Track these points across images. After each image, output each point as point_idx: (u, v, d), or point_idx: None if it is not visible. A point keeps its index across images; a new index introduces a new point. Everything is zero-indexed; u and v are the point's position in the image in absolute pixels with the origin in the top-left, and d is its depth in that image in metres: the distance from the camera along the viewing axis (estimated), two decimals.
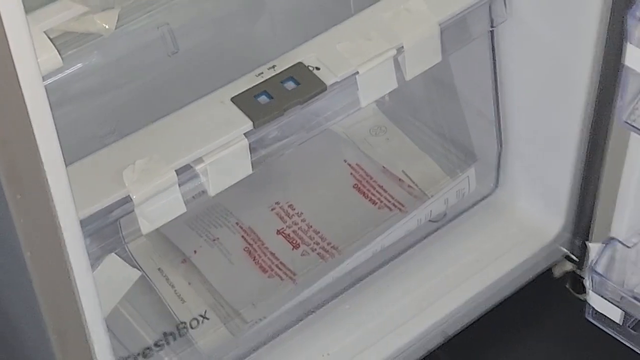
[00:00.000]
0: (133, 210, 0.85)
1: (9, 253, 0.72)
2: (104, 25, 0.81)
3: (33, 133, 0.66)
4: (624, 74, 0.90)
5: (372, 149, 1.19)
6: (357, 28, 0.94)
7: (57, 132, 0.68)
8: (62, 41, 0.79)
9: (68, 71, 0.91)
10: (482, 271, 1.12)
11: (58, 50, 0.73)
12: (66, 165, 0.70)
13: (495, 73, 1.08)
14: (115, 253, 0.90)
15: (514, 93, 1.09)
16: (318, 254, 1.10)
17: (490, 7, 1.00)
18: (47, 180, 0.69)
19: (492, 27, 1.02)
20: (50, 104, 0.66)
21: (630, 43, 0.86)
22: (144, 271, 1.04)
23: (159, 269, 1.08)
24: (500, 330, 1.13)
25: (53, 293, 0.75)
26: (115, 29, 0.83)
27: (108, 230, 0.86)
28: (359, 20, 0.95)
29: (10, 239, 0.70)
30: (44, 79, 0.65)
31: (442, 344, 1.10)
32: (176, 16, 1.01)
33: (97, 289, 0.78)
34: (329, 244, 1.11)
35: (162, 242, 1.09)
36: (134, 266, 0.94)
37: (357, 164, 1.17)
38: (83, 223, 0.75)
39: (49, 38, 0.74)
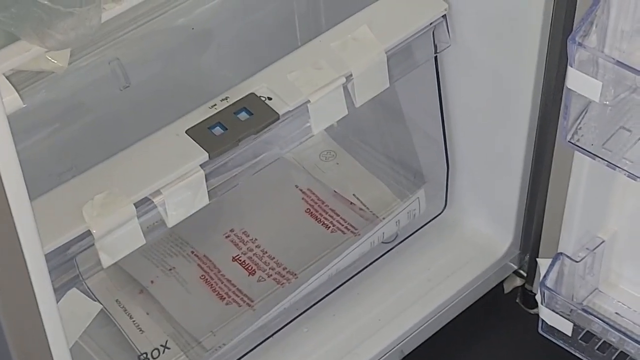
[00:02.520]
0: (93, 244, 0.85)
1: None
2: (58, 63, 0.81)
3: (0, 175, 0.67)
4: (566, 96, 0.91)
5: (322, 173, 1.19)
6: (306, 58, 0.95)
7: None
8: (16, 79, 0.80)
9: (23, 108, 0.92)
10: (435, 289, 1.12)
11: (18, 92, 0.74)
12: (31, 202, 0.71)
13: (440, 97, 1.08)
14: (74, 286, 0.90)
15: (460, 115, 1.10)
16: (274, 279, 1.10)
17: (433, 34, 1.01)
18: (13, 219, 0.70)
19: (436, 53, 1.03)
20: None
21: (572, 66, 0.88)
22: (102, 303, 1.04)
23: (117, 301, 1.08)
24: (454, 347, 1.14)
25: (21, 330, 0.75)
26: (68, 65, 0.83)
27: (68, 264, 0.86)
28: (308, 49, 0.96)
29: None
30: None
31: None
32: (126, 51, 1.02)
33: (61, 323, 0.79)
34: (284, 269, 1.11)
35: (118, 273, 1.09)
36: (92, 299, 0.94)
37: (308, 189, 1.18)
38: (48, 258, 0.75)
39: (9, 80, 0.74)
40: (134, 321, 1.06)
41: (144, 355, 1.03)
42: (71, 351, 0.82)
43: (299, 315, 1.09)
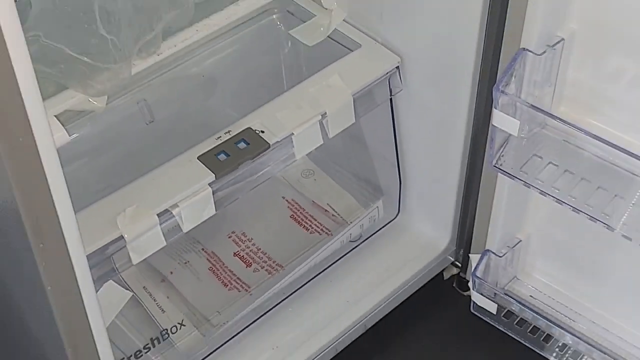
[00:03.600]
0: (125, 246, 0.85)
1: (33, 288, 0.72)
2: (97, 104, 0.81)
3: (51, 194, 0.67)
4: (492, 131, 0.91)
5: (303, 187, 1.19)
6: (291, 100, 0.95)
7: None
8: (65, 117, 0.79)
9: (70, 138, 0.91)
10: (391, 278, 1.12)
11: (65, 129, 0.73)
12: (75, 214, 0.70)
13: (394, 129, 1.08)
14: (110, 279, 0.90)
15: (410, 143, 1.10)
16: (266, 270, 1.10)
17: (389, 81, 1.02)
18: (62, 228, 0.69)
19: (391, 95, 1.03)
20: None
21: (496, 108, 0.88)
22: (132, 290, 1.03)
23: (144, 287, 1.07)
24: (406, 321, 1.14)
25: (68, 315, 0.75)
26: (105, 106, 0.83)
27: (106, 262, 0.86)
28: (293, 94, 0.96)
29: (34, 277, 0.70)
30: None
31: (363, 334, 1.10)
32: (151, 94, 1.02)
33: (100, 308, 0.78)
34: (274, 262, 1.11)
35: (145, 266, 1.08)
36: (125, 288, 0.93)
37: (292, 200, 1.18)
38: (89, 258, 0.75)
39: (58, 119, 0.74)
40: (157, 303, 1.06)
41: (165, 330, 1.02)
42: (108, 329, 0.81)
43: (286, 298, 1.09)
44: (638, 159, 0.86)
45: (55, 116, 0.74)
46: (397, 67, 1.01)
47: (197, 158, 0.89)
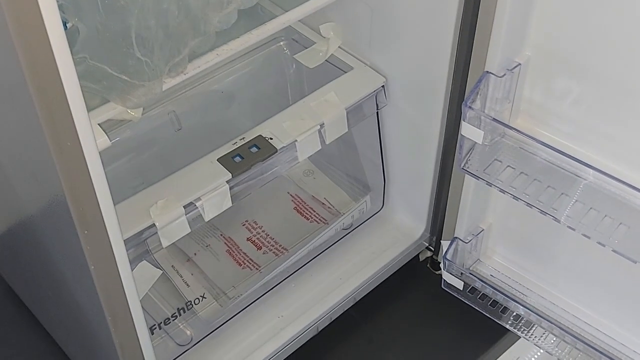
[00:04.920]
0: (157, 233, 0.84)
1: (80, 267, 0.71)
2: (134, 115, 0.79)
3: (94, 189, 0.66)
4: (460, 139, 0.90)
5: (305, 184, 1.18)
6: (295, 112, 0.94)
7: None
8: (107, 125, 0.78)
9: (110, 143, 0.90)
10: (376, 259, 1.11)
11: (107, 135, 0.72)
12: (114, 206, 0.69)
13: (380, 137, 1.08)
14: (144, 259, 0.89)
15: (392, 148, 1.09)
16: (273, 252, 1.09)
17: (376, 97, 1.00)
18: (103, 217, 0.68)
19: (377, 109, 1.02)
20: None
21: (464, 121, 0.87)
22: (162, 268, 1.02)
23: (172, 266, 1.06)
24: (388, 295, 1.13)
25: (108, 289, 0.74)
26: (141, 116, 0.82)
27: (141, 245, 0.85)
28: (296, 107, 0.95)
29: (80, 258, 0.69)
30: None
31: (353, 305, 1.09)
32: (180, 106, 1.01)
33: (135, 284, 0.77)
34: (280, 245, 1.10)
35: (173, 248, 1.07)
36: (156, 267, 0.92)
37: (295, 194, 1.17)
38: (126, 242, 0.74)
39: (101, 127, 0.72)
40: (183, 279, 1.05)
41: (189, 302, 1.01)
42: (141, 300, 0.81)
43: (290, 275, 1.08)
44: (579, 163, 0.85)
45: (98, 124, 0.72)
46: (383, 86, 1.00)
47: (217, 160, 0.88)
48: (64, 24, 0.58)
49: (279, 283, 1.07)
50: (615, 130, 0.84)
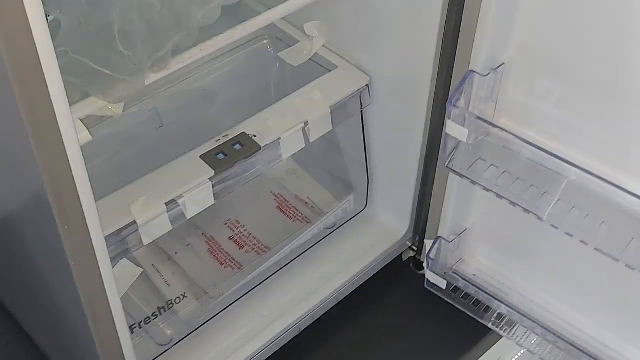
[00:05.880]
0: (137, 230, 0.83)
1: (59, 262, 0.70)
2: (116, 111, 0.79)
3: (75, 184, 0.65)
4: (445, 137, 0.91)
5: (288, 183, 1.17)
6: (279, 110, 0.94)
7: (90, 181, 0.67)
8: (88, 120, 0.77)
9: (92, 140, 0.89)
10: (360, 258, 1.11)
11: (88, 130, 0.71)
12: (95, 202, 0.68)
13: (364, 136, 1.07)
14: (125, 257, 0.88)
15: (376, 147, 1.09)
16: (256, 251, 1.08)
17: (360, 96, 1.00)
18: (84, 213, 0.68)
19: (362, 108, 1.02)
20: None
21: (449, 119, 0.87)
22: (143, 267, 1.02)
23: (152, 265, 1.05)
24: (371, 294, 1.12)
25: (88, 286, 0.73)
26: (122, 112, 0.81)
27: (122, 242, 0.84)
28: (281, 105, 0.95)
29: (61, 254, 0.68)
30: None
31: (336, 305, 1.09)
32: (161, 103, 1.00)
33: (115, 281, 0.77)
34: (262, 245, 1.09)
35: (154, 247, 1.06)
36: (137, 265, 0.92)
37: (278, 193, 1.16)
38: (106, 239, 0.73)
39: (82, 122, 0.72)
40: (163, 278, 1.04)
41: (170, 301, 1.00)
42: (121, 299, 0.80)
43: (272, 275, 1.07)
44: (562, 161, 0.86)
45: (80, 119, 0.71)
46: (367, 85, 1.00)
47: (200, 157, 0.87)
48: (45, 17, 0.57)
49: (261, 282, 1.06)
50: (598, 130, 0.84)
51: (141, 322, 0.97)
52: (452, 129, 0.87)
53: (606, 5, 0.76)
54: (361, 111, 1.03)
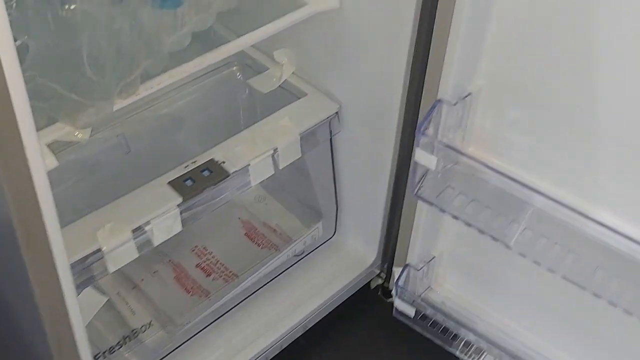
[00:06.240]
0: (103, 257, 0.81)
1: (24, 291, 0.68)
2: (83, 136, 0.78)
3: (41, 210, 0.64)
4: (414, 165, 0.91)
5: (256, 210, 1.16)
6: (248, 137, 0.94)
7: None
8: (55, 146, 0.76)
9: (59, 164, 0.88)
10: (327, 286, 1.10)
11: (55, 155, 0.70)
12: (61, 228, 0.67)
13: (333, 163, 1.08)
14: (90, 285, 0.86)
15: (345, 175, 1.09)
16: (223, 279, 1.07)
17: (330, 124, 1.01)
18: (49, 240, 0.66)
19: (331, 136, 1.02)
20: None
21: (418, 147, 0.88)
22: (108, 295, 1.00)
23: (118, 293, 1.03)
24: (340, 322, 1.12)
25: (53, 315, 0.71)
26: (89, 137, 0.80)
27: (87, 270, 0.82)
28: (250, 132, 0.95)
29: (25, 281, 0.66)
30: None
31: (304, 333, 1.08)
32: (128, 128, 0.99)
33: (79, 309, 0.75)
34: (230, 272, 1.08)
35: (119, 274, 1.04)
36: (102, 293, 0.90)
37: (247, 220, 1.15)
38: (72, 267, 0.72)
39: (48, 147, 0.71)
40: (129, 306, 1.02)
41: (135, 330, 0.98)
42: (87, 328, 0.78)
43: (240, 302, 1.06)
44: (528, 189, 0.86)
45: (46, 144, 0.70)
46: (337, 113, 1.00)
47: (168, 183, 0.87)
48: (14, 41, 0.56)
49: (229, 310, 1.05)
50: (564, 159, 0.86)
51: (106, 351, 0.95)
52: (421, 157, 0.88)
53: (572, 37, 0.78)
54: (330, 138, 1.03)
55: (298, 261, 1.12)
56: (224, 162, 0.89)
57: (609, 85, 0.78)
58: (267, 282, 1.09)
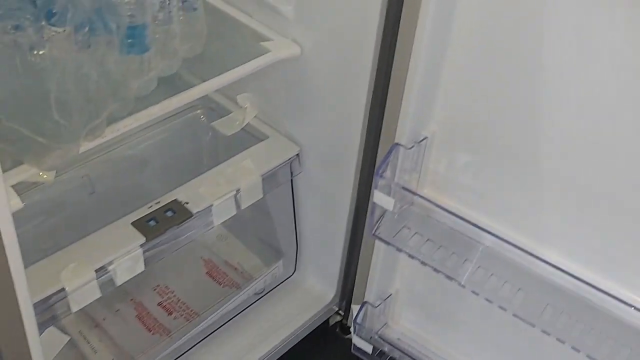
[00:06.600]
0: (66, 297, 0.82)
1: None
2: (47, 178, 0.78)
3: (5, 251, 0.64)
4: (372, 206, 0.93)
5: (218, 249, 1.17)
6: (211, 178, 0.95)
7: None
8: (19, 187, 0.77)
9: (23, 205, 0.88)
10: (288, 324, 1.11)
11: (20, 196, 0.71)
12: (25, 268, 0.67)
13: (294, 203, 1.09)
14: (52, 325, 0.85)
15: (306, 214, 1.11)
16: (185, 317, 1.07)
17: (290, 165, 1.02)
18: (12, 280, 0.66)
19: (292, 177, 1.04)
20: None
21: (376, 189, 0.90)
22: (70, 334, 0.99)
23: (79, 332, 1.03)
24: (299, 358, 1.12)
25: (14, 354, 0.71)
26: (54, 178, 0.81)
27: (49, 309, 0.82)
28: (213, 173, 0.96)
29: None
30: None
31: None
32: (93, 170, 1.00)
33: (41, 349, 0.74)
34: (192, 310, 1.08)
35: (81, 313, 1.03)
36: (64, 332, 0.89)
37: (208, 259, 1.16)
38: (35, 306, 0.72)
39: (14, 188, 0.71)
40: (90, 345, 1.01)
41: None
42: None
43: (201, 340, 1.06)
44: (478, 229, 0.89)
45: (11, 186, 0.71)
46: (297, 155, 1.02)
47: (131, 223, 0.87)
48: None
49: (190, 349, 1.05)
50: (513, 200, 0.89)
51: None
52: (379, 198, 0.90)
53: (517, 84, 0.82)
54: (291, 179, 1.05)
55: (258, 299, 1.13)
56: (187, 203, 0.90)
57: (552, 130, 0.81)
58: (228, 321, 1.09)
